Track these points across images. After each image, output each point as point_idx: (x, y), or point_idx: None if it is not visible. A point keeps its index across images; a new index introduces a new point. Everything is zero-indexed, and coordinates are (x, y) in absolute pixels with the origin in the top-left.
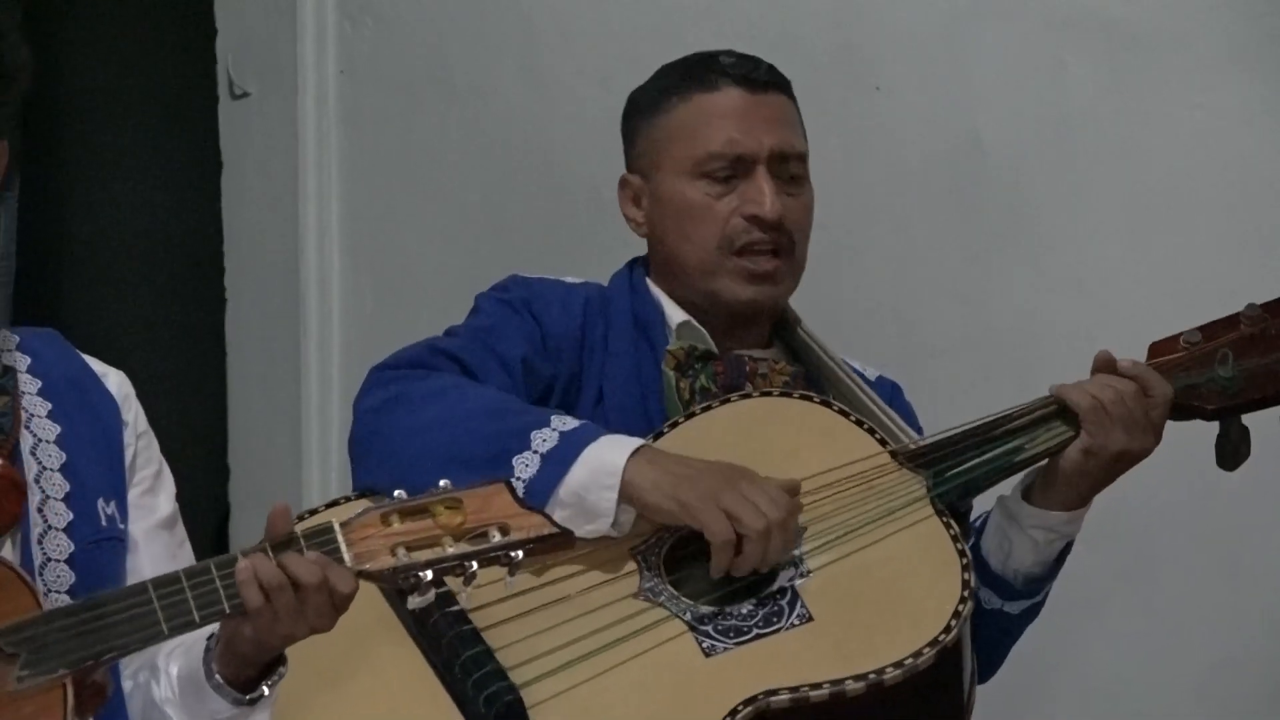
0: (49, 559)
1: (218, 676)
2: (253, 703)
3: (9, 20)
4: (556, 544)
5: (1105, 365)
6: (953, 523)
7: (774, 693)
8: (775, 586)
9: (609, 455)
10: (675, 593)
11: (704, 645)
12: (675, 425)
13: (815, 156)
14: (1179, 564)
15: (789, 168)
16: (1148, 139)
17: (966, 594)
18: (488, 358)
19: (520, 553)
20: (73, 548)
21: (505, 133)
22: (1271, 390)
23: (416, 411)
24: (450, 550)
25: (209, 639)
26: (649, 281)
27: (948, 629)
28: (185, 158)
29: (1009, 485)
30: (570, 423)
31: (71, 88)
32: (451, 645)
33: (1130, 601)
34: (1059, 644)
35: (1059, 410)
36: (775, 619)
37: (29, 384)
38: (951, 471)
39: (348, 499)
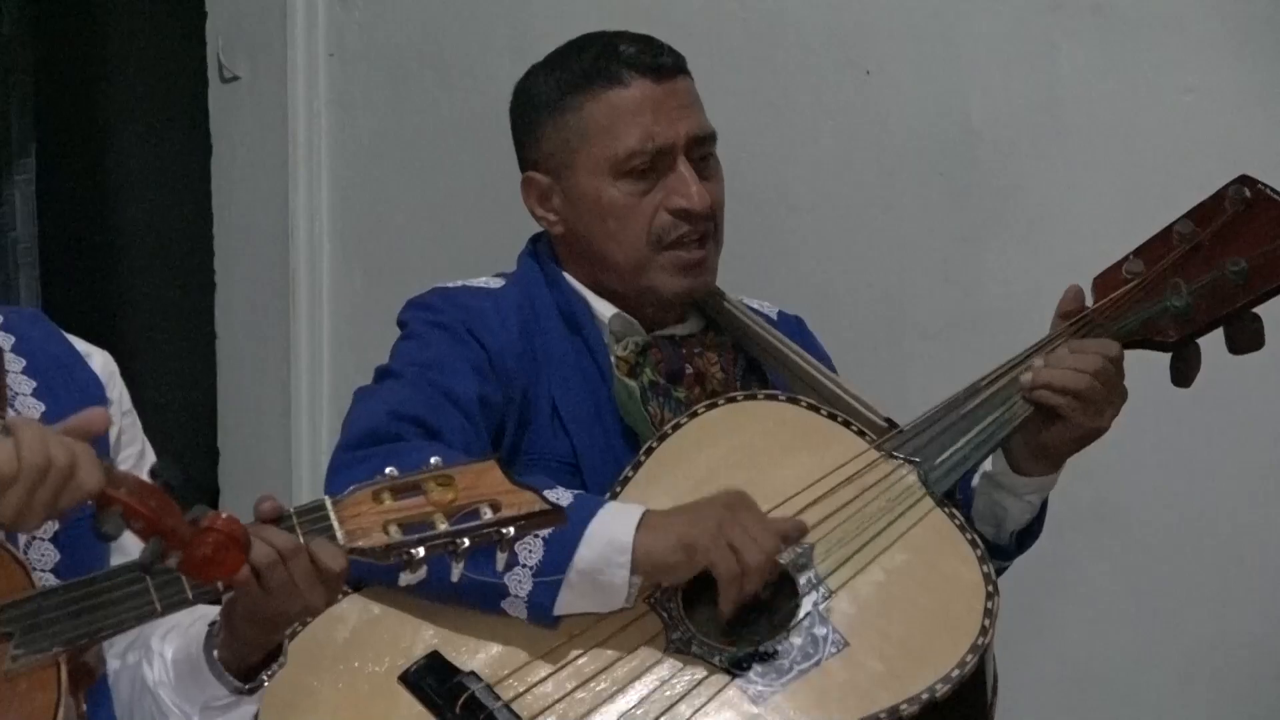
0: (34, 537)
1: (220, 662)
2: (252, 691)
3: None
4: (548, 520)
5: (1073, 303)
6: (955, 512)
7: None
8: (803, 615)
9: (614, 531)
10: (705, 639)
11: (750, 692)
12: (650, 451)
13: (807, 140)
14: (1164, 547)
15: (703, 150)
16: (1139, 122)
17: (991, 589)
18: (444, 407)
19: (512, 529)
20: (57, 526)
21: (496, 114)
22: (1225, 309)
23: None
24: (442, 527)
25: (211, 624)
26: (565, 274)
27: (983, 630)
28: (175, 141)
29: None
30: (564, 496)
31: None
32: None
33: (1115, 584)
34: (1044, 627)
35: None
36: (812, 650)
37: (14, 363)
38: (941, 459)
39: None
